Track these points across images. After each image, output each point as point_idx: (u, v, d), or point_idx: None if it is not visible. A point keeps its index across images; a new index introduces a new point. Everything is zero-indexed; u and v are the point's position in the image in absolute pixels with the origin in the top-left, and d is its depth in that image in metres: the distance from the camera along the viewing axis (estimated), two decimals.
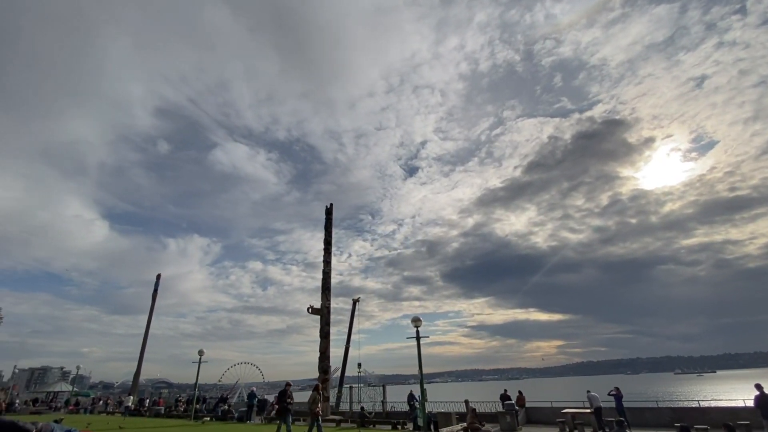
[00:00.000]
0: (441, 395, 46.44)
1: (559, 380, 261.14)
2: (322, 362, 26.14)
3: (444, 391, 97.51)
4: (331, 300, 28.35)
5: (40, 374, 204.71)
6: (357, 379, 47.55)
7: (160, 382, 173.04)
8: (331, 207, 32.48)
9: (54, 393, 58.40)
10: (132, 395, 44.38)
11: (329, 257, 30.04)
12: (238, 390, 77.94)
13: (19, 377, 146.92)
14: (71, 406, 42.86)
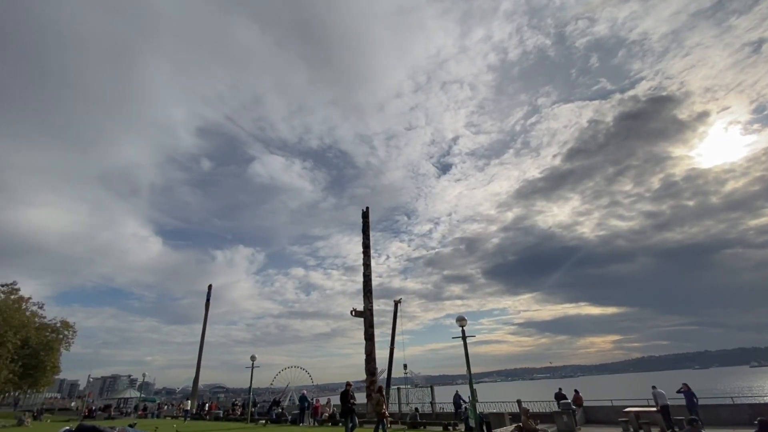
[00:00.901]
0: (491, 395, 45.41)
1: (617, 377, 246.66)
2: (368, 364, 26.30)
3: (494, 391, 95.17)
4: (373, 302, 28.51)
5: (111, 382, 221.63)
6: (403, 380, 47.42)
7: (217, 387, 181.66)
8: (367, 210, 32.71)
9: (124, 399, 63.03)
10: (191, 400, 46.98)
11: (369, 260, 30.23)
12: (289, 393, 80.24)
13: (94, 385, 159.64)
14: (140, 411, 45.96)
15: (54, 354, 50.48)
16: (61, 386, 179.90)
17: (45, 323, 50.74)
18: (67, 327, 52.60)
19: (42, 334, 49.25)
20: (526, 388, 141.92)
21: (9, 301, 45.90)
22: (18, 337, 44.02)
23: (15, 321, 44.22)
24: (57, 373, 54.78)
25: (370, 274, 29.54)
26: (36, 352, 47.79)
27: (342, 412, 15.49)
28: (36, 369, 48.26)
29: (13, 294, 47.04)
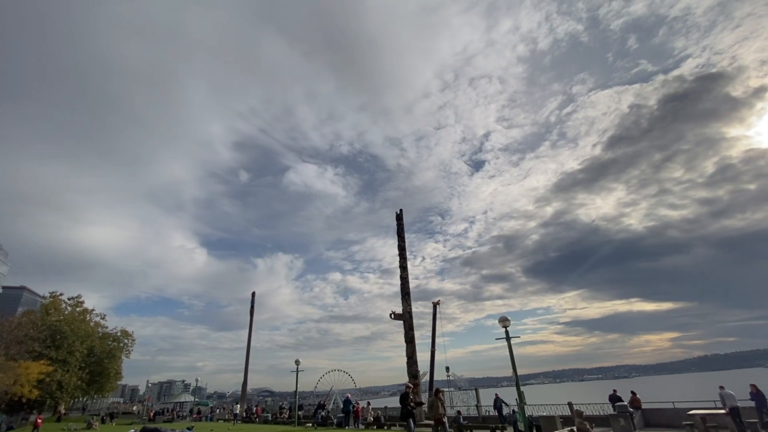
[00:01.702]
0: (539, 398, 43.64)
1: (678, 377, 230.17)
2: (410, 367, 26.16)
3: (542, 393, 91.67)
4: (411, 305, 28.36)
5: (167, 387, 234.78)
6: (446, 383, 46.80)
7: (264, 391, 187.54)
8: (400, 213, 32.67)
9: (180, 403, 66.46)
10: (240, 404, 48.79)
11: (405, 262, 30.13)
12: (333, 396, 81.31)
13: (152, 390, 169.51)
14: (195, 415, 48.28)
15: (116, 361, 54.21)
16: (124, 391, 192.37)
17: (107, 333, 54.63)
18: (126, 336, 56.37)
19: (105, 343, 53.04)
20: (576, 389, 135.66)
21: (75, 313, 49.87)
22: (84, 346, 47.70)
23: (81, 331, 47.96)
24: (120, 379, 58.77)
25: (407, 276, 29.43)
26: (101, 360, 51.53)
27: (402, 415, 15.22)
28: (101, 375, 52.03)
29: (78, 306, 51.05)
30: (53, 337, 44.23)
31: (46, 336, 42.92)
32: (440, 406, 14.24)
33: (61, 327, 45.46)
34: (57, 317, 47.08)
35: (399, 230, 31.64)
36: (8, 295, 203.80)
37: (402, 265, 29.88)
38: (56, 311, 48.21)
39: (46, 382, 39.89)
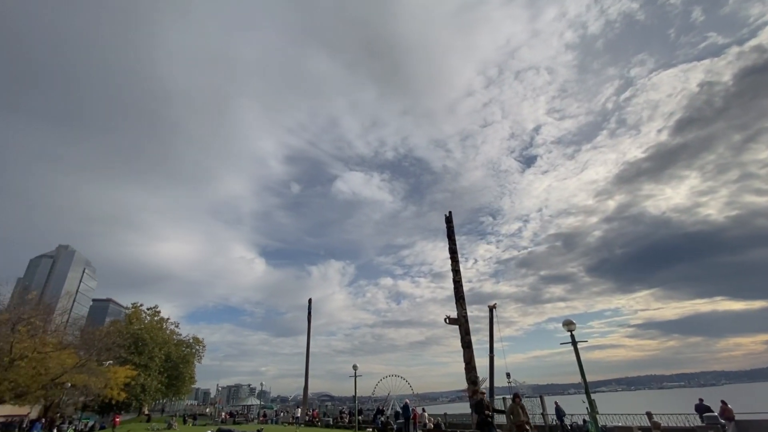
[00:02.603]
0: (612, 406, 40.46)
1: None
2: (468, 373, 25.46)
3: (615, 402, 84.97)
4: (466, 309, 27.68)
5: (235, 390, 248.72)
6: (507, 389, 45.04)
7: (324, 396, 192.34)
8: (450, 215, 32.13)
9: (247, 406, 70.03)
10: (302, 408, 50.38)
11: (457, 266, 29.52)
12: (391, 402, 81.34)
13: (222, 393, 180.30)
14: (261, 417, 50.62)
15: (190, 366, 58.53)
16: (197, 394, 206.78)
17: (181, 340, 59.21)
18: (198, 342, 60.72)
19: (180, 349, 57.49)
20: (654, 398, 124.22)
21: (153, 322, 54.57)
22: (162, 353, 52.01)
23: (159, 339, 52.37)
24: (194, 383, 63.36)
25: (461, 279, 28.79)
26: (176, 365, 55.89)
27: (478, 424, 14.34)
28: (178, 379, 56.40)
29: (156, 316, 55.84)
30: (136, 344, 48.68)
31: (130, 343, 47.33)
32: (522, 412, 13.30)
33: (142, 335, 49.95)
34: (138, 326, 51.81)
35: (449, 233, 31.10)
36: (97, 306, 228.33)
37: (454, 268, 29.31)
38: (138, 320, 53.08)
39: (131, 386, 43.91)
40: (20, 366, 29.16)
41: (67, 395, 37.33)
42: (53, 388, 32.75)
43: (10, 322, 30.01)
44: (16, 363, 29.01)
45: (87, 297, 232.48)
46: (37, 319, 32.52)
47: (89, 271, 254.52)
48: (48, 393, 33.76)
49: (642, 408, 23.48)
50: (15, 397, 30.58)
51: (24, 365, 29.35)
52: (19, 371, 29.02)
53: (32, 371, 29.80)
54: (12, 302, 33.26)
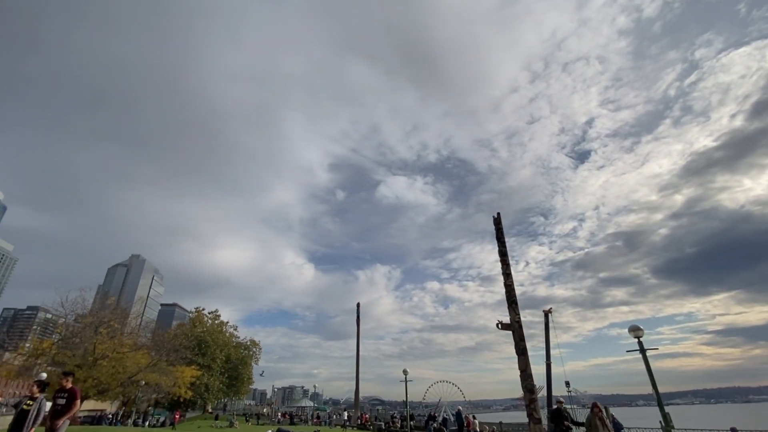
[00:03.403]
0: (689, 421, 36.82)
1: None
2: (524, 381, 24.28)
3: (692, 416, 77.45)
4: (519, 313, 26.56)
5: (289, 392, 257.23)
6: (567, 399, 42.55)
7: (374, 400, 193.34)
8: (498, 216, 31.02)
9: (301, 408, 72.13)
10: (354, 411, 50.95)
11: (508, 269, 28.38)
12: (442, 408, 79.98)
13: (277, 394, 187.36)
14: (315, 419, 51.86)
15: (248, 367, 61.42)
16: (254, 394, 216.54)
17: (239, 342, 62.31)
18: (254, 344, 63.64)
19: (238, 351, 60.54)
20: (739, 412, 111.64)
21: (214, 325, 57.95)
22: (223, 354, 55.04)
23: (220, 341, 55.51)
24: (251, 384, 66.40)
25: (512, 283, 27.62)
26: (236, 366, 58.89)
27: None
28: (237, 380, 59.38)
29: (216, 319, 59.26)
30: (199, 346, 51.91)
31: (194, 345, 50.55)
32: (601, 424, 12.03)
33: (204, 337, 53.21)
34: (201, 329, 55.23)
35: (498, 235, 30.00)
36: (165, 311, 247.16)
37: (505, 271, 28.18)
38: (200, 324, 56.62)
39: (196, 385, 46.82)
40: (102, 365, 32.20)
41: (142, 392, 40.60)
42: (130, 385, 35.73)
43: (93, 325, 33.34)
44: (98, 362, 32.09)
45: (156, 302, 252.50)
46: (116, 322, 35.82)
47: (157, 278, 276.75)
48: (125, 390, 36.88)
49: (725, 423, 21.11)
50: (98, 393, 33.72)
51: (105, 364, 32.38)
52: (101, 369, 32.04)
53: (112, 370, 32.77)
54: (94, 307, 36.91)
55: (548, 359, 41.27)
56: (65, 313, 33.99)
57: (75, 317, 34.43)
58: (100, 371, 31.91)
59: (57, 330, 38.83)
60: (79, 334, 32.99)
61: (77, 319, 34.44)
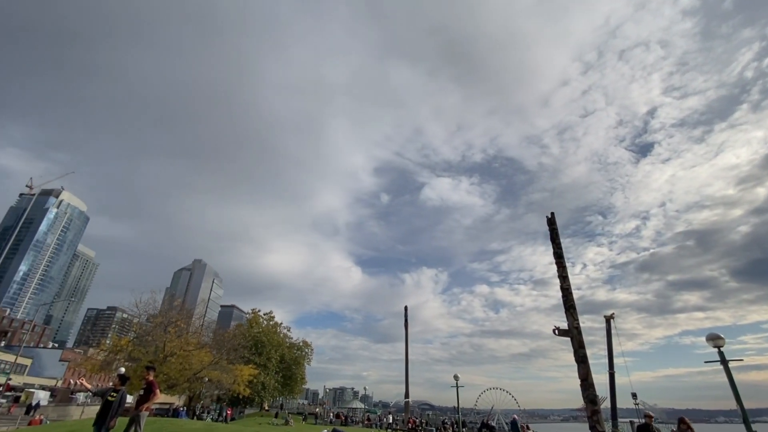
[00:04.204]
0: None
1: None
2: (585, 390, 22.86)
3: None
4: (578, 319, 25.08)
5: (340, 393, 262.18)
6: (633, 412, 39.68)
7: (424, 404, 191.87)
8: (552, 216, 29.53)
9: (352, 409, 73.18)
10: (405, 415, 50.86)
11: (564, 271, 26.90)
12: (495, 416, 77.52)
13: (329, 395, 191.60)
14: (366, 421, 52.35)
15: (301, 368, 63.47)
16: (307, 394, 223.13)
17: (292, 343, 64.60)
18: (306, 345, 65.67)
19: (292, 352, 62.76)
20: None
21: (269, 326, 60.55)
22: (277, 354, 57.32)
23: (274, 341, 57.89)
24: (305, 384, 68.49)
25: (569, 286, 26.17)
26: (290, 366, 61.08)
27: None
28: (291, 380, 61.55)
29: (271, 320, 61.90)
30: (256, 346, 54.43)
31: (251, 345, 53.08)
32: None
33: (260, 338, 55.74)
34: (257, 329, 57.92)
35: (552, 236, 28.58)
36: (224, 312, 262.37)
37: (561, 274, 26.77)
38: (257, 324, 59.41)
39: (253, 383, 49.09)
40: (171, 361, 34.81)
41: (206, 388, 43.33)
42: (195, 381, 38.27)
43: (162, 325, 36.20)
44: (168, 359, 34.72)
45: (216, 303, 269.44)
46: (182, 322, 38.62)
47: (217, 281, 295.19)
48: (191, 386, 39.55)
49: None
50: (167, 388, 36.46)
51: (173, 361, 34.97)
52: (170, 366, 34.63)
53: (179, 366, 35.30)
54: (163, 308, 40.07)
55: (611, 368, 38.68)
56: (139, 313, 37.28)
57: (147, 317, 37.59)
58: (169, 367, 34.49)
59: (132, 328, 42.57)
60: (151, 333, 35.95)
61: (149, 318, 37.56)
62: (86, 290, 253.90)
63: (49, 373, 78.22)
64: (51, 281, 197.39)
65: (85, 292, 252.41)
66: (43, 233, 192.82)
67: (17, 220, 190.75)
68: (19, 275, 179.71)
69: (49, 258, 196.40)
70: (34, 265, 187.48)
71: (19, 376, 66.61)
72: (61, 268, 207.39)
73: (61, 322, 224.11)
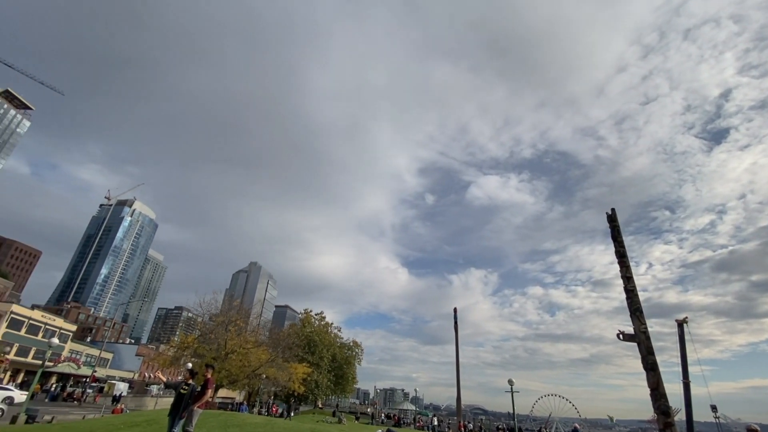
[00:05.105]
0: None
1: None
2: (656, 401, 21.06)
3: None
4: (646, 323, 23.22)
5: (390, 394, 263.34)
6: (714, 426, 36.01)
7: (476, 409, 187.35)
8: (613, 213, 27.61)
9: (403, 410, 73.16)
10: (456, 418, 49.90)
11: (628, 271, 24.98)
12: (554, 424, 73.97)
13: (379, 395, 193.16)
14: (419, 423, 52.14)
15: (352, 367, 64.57)
16: (358, 394, 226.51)
17: (343, 343, 65.95)
18: (356, 345, 66.72)
19: (343, 352, 64.07)
20: None
21: (321, 326, 62.29)
22: (329, 353, 58.79)
23: (326, 341, 59.44)
24: (356, 383, 69.55)
25: (635, 288, 24.26)
26: (341, 365, 62.39)
27: None
28: (342, 379, 62.82)
29: (322, 320, 63.66)
30: (308, 345, 56.26)
31: (304, 344, 54.95)
32: None
33: (313, 337, 57.52)
34: (310, 329, 59.84)
35: (614, 233, 26.66)
36: (278, 312, 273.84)
37: (625, 275, 24.86)
38: (309, 324, 61.39)
39: (307, 381, 50.75)
40: (232, 358, 36.92)
41: (263, 385, 45.46)
42: (254, 378, 40.30)
43: (224, 324, 38.52)
44: (229, 356, 36.86)
45: (271, 304, 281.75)
46: (241, 321, 40.86)
47: (272, 283, 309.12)
48: (250, 382, 41.69)
49: None
50: (229, 384, 38.74)
51: (234, 358, 37.07)
52: (231, 362, 36.75)
53: (239, 363, 37.35)
54: (223, 308, 42.63)
55: (685, 377, 35.30)
56: (202, 313, 40.01)
57: (209, 316, 40.22)
58: (230, 364, 36.60)
59: (197, 327, 45.76)
60: (214, 331, 38.40)
61: (211, 317, 40.16)
62: (157, 291, 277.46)
63: (127, 366, 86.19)
64: (127, 283, 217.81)
65: (156, 292, 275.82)
66: (120, 239, 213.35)
67: (98, 228, 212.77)
68: (100, 278, 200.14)
69: (125, 262, 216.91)
70: (112, 269, 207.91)
71: (103, 369, 74.00)
72: (135, 271, 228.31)
73: (136, 320, 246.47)
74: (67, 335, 67.27)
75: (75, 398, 44.05)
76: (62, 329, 64.71)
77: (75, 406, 38.27)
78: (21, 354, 55.96)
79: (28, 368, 57.23)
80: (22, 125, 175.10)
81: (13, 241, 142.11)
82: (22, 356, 56.04)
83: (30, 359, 56.86)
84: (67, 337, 67.22)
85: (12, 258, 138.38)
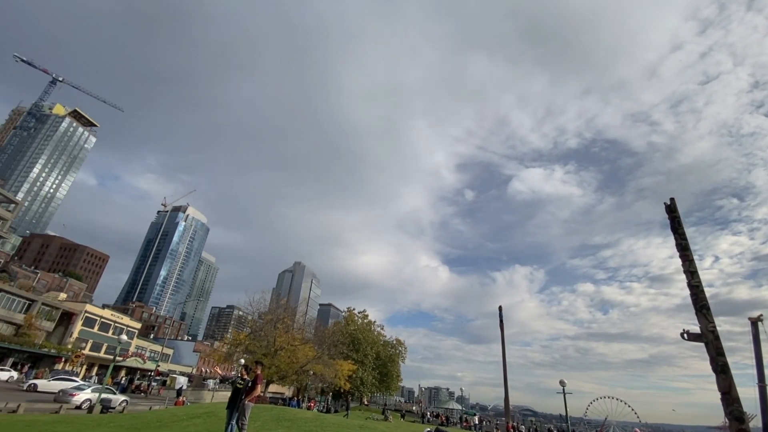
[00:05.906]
0: None
1: None
2: (729, 406, 19.32)
3: None
4: (714, 321, 21.38)
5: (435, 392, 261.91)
6: None
7: (525, 410, 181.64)
8: (672, 203, 25.62)
9: (449, 410, 72.46)
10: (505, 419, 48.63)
11: (692, 266, 23.04)
12: (610, 428, 70.28)
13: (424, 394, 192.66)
14: (465, 423, 51.42)
15: (396, 365, 64.89)
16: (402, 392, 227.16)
17: (386, 341, 66.41)
18: (400, 344, 66.94)
19: (386, 350, 64.55)
20: None
21: (364, 324, 63.12)
22: (373, 351, 59.45)
23: (370, 339, 60.16)
24: (400, 381, 69.81)
25: (700, 283, 22.43)
26: (385, 363, 62.87)
27: None
28: (387, 376, 63.29)
29: (365, 318, 64.49)
30: (353, 342, 57.22)
31: (349, 342, 55.94)
32: None
33: (356, 335, 58.44)
34: (353, 327, 60.84)
35: (674, 225, 24.69)
36: (322, 310, 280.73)
37: (688, 269, 22.97)
38: (352, 322, 62.43)
39: (353, 378, 51.62)
40: (281, 355, 38.37)
41: (311, 381, 46.82)
42: (302, 374, 41.64)
43: (272, 322, 40.11)
44: (278, 352, 38.33)
45: (315, 302, 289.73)
46: (288, 319, 42.39)
47: (315, 282, 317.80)
48: (299, 378, 43.11)
49: None
50: (278, 379, 40.29)
51: (283, 354, 38.50)
52: (280, 359, 38.20)
53: (288, 359, 38.75)
54: (271, 306, 44.39)
55: (761, 380, 32.16)
56: (252, 311, 41.91)
57: (259, 314, 42.04)
58: (280, 360, 38.06)
59: (248, 325, 47.97)
60: (263, 329, 40.09)
61: (260, 316, 41.96)
62: (210, 291, 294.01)
63: (186, 361, 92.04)
64: (183, 283, 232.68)
65: (209, 292, 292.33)
66: (176, 243, 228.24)
67: (156, 233, 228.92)
68: (160, 279, 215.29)
69: (181, 264, 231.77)
70: (170, 270, 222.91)
71: (164, 364, 79.51)
72: (190, 272, 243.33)
73: (192, 318, 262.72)
74: (133, 332, 72.89)
75: (142, 390, 47.66)
76: (129, 327, 70.18)
77: (142, 398, 41.46)
78: (94, 349, 61.41)
79: (101, 362, 62.72)
80: (89, 141, 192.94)
81: (85, 247, 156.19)
82: (95, 351, 61.47)
83: (102, 354, 62.25)
84: (133, 334, 72.84)
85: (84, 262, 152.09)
